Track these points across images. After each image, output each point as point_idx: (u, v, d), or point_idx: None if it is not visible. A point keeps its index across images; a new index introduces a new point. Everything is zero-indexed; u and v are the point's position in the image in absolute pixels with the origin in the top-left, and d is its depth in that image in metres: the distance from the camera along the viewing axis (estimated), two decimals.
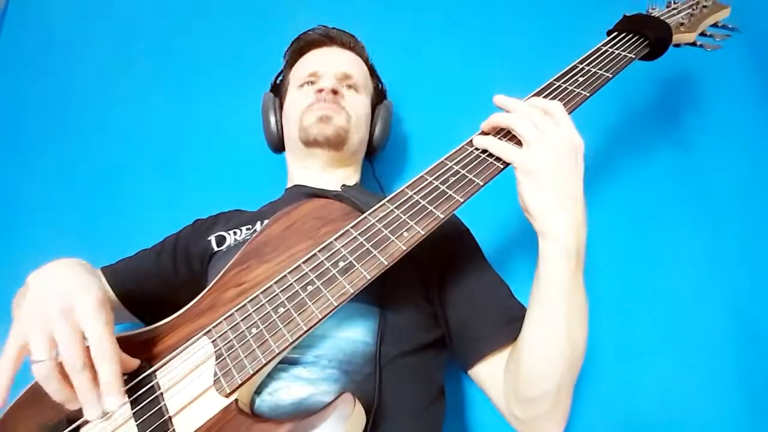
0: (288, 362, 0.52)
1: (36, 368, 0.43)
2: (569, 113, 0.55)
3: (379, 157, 0.89)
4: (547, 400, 0.52)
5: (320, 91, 0.77)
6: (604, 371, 0.71)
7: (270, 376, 0.50)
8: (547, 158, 0.47)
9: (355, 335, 0.55)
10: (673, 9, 0.68)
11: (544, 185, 0.47)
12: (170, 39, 1.09)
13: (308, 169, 0.80)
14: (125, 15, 1.13)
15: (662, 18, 0.65)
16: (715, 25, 0.70)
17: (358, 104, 0.81)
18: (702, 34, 0.68)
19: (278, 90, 0.88)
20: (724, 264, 0.78)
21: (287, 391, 0.50)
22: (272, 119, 0.84)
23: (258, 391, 0.50)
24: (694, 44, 0.68)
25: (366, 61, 0.88)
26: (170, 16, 1.12)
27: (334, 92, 0.77)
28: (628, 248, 0.78)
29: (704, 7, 0.68)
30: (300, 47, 0.86)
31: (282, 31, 0.88)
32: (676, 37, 0.64)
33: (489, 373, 0.60)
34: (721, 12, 0.68)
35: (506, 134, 0.53)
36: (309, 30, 0.86)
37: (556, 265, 0.48)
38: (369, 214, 0.53)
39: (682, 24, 0.65)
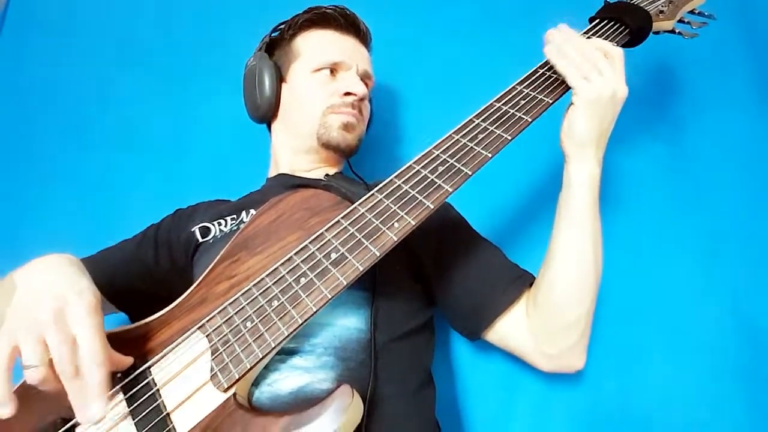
0: (285, 352, 0.52)
1: (29, 374, 0.42)
2: (556, 100, 0.58)
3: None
4: (580, 324, 0.58)
5: (347, 94, 0.74)
6: (602, 371, 0.73)
7: (267, 368, 0.51)
8: (606, 95, 0.55)
9: (349, 323, 0.56)
10: None
11: (595, 116, 0.55)
12: (167, 30, 1.08)
13: (299, 157, 0.78)
14: (124, 14, 1.11)
15: (642, 5, 0.66)
16: (692, 12, 0.71)
17: (367, 108, 0.80)
18: (680, 21, 0.70)
19: (273, 53, 0.81)
20: (723, 263, 0.79)
21: (285, 381, 0.51)
22: (267, 85, 0.76)
23: (256, 383, 0.50)
24: (672, 32, 0.69)
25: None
26: (170, 15, 1.10)
27: (361, 99, 0.75)
28: (626, 248, 0.79)
29: None
30: (315, 19, 0.78)
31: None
32: (656, 25, 0.65)
33: (511, 325, 0.63)
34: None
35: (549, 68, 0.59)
36: (327, 6, 0.79)
37: (587, 188, 0.56)
38: (359, 204, 0.53)
39: (661, 12, 0.66)
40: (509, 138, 0.55)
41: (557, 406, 0.74)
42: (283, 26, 0.81)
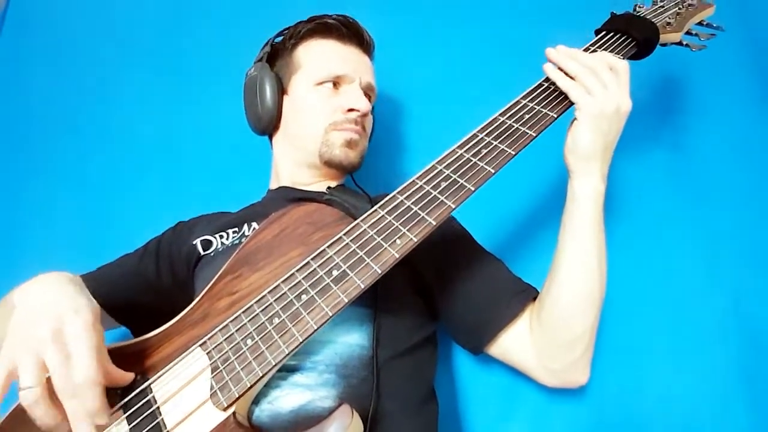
0: (286, 369, 0.52)
1: (23, 395, 0.42)
2: (560, 114, 0.57)
3: None
4: (584, 339, 0.58)
5: (351, 110, 0.72)
6: (603, 371, 0.72)
7: (268, 385, 0.51)
8: (609, 110, 0.54)
9: (351, 339, 0.56)
10: (660, 7, 0.68)
11: (599, 131, 0.55)
12: (168, 39, 1.07)
13: (301, 170, 0.77)
14: (125, 14, 1.11)
15: (649, 17, 0.65)
16: (700, 24, 0.70)
17: (370, 122, 0.79)
18: (687, 32, 0.69)
19: (275, 64, 0.79)
20: (724, 264, 0.78)
21: (286, 398, 0.51)
22: (269, 97, 0.75)
23: (256, 401, 0.50)
24: (680, 44, 0.68)
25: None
26: (171, 15, 1.10)
27: (363, 115, 0.74)
28: (627, 250, 0.78)
29: (690, 5, 0.68)
30: (317, 28, 0.76)
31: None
32: (663, 37, 0.65)
33: (514, 340, 0.63)
34: (706, 10, 0.69)
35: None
36: (328, 15, 0.77)
37: (592, 202, 0.56)
38: (361, 221, 0.53)
39: (668, 23, 0.65)
40: (513, 153, 0.55)
41: (559, 420, 0.74)
42: (283, 35, 0.80)
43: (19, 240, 0.91)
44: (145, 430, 0.45)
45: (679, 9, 0.67)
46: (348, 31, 0.77)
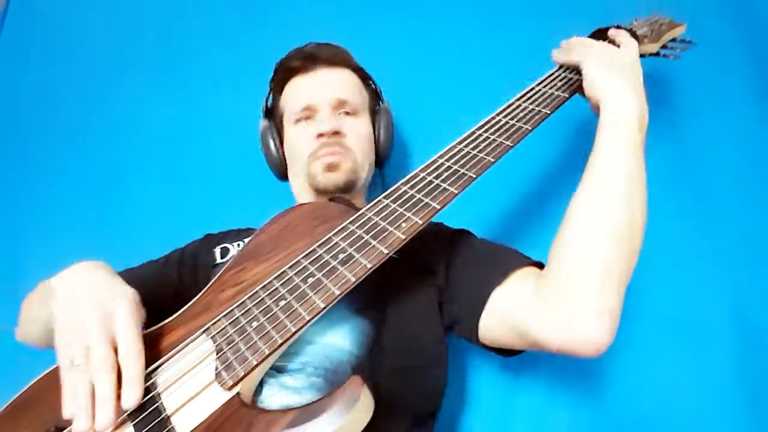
0: (274, 369, 0.50)
1: (70, 373, 0.43)
2: (554, 110, 0.61)
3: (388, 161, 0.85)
4: (597, 278, 0.48)
5: (320, 135, 0.73)
6: (603, 370, 0.71)
7: (260, 383, 0.49)
8: (608, 53, 0.62)
9: (342, 344, 0.54)
10: (635, 26, 0.74)
11: (603, 58, 0.61)
12: (173, 40, 1.07)
13: (318, 198, 0.76)
14: (126, 14, 1.10)
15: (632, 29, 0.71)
16: (674, 40, 0.76)
17: (360, 131, 0.76)
18: (663, 46, 0.74)
19: (272, 115, 0.83)
20: (724, 264, 0.78)
21: (274, 398, 0.49)
22: (272, 147, 0.80)
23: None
24: (657, 54, 0.73)
25: (355, 69, 0.81)
26: (172, 16, 1.09)
27: (335, 133, 0.73)
28: None
29: (662, 25, 0.74)
30: (283, 77, 0.80)
31: (290, 33, 0.85)
32: (641, 48, 0.69)
33: (513, 291, 0.55)
34: (677, 29, 0.75)
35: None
36: (290, 53, 0.79)
37: (618, 128, 0.54)
38: (366, 210, 0.54)
39: (645, 36, 0.71)
40: (511, 144, 0.57)
41: (556, 422, 0.71)
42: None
43: (18, 241, 0.91)
44: (144, 415, 0.43)
45: (652, 26, 0.73)
46: (304, 61, 0.78)
